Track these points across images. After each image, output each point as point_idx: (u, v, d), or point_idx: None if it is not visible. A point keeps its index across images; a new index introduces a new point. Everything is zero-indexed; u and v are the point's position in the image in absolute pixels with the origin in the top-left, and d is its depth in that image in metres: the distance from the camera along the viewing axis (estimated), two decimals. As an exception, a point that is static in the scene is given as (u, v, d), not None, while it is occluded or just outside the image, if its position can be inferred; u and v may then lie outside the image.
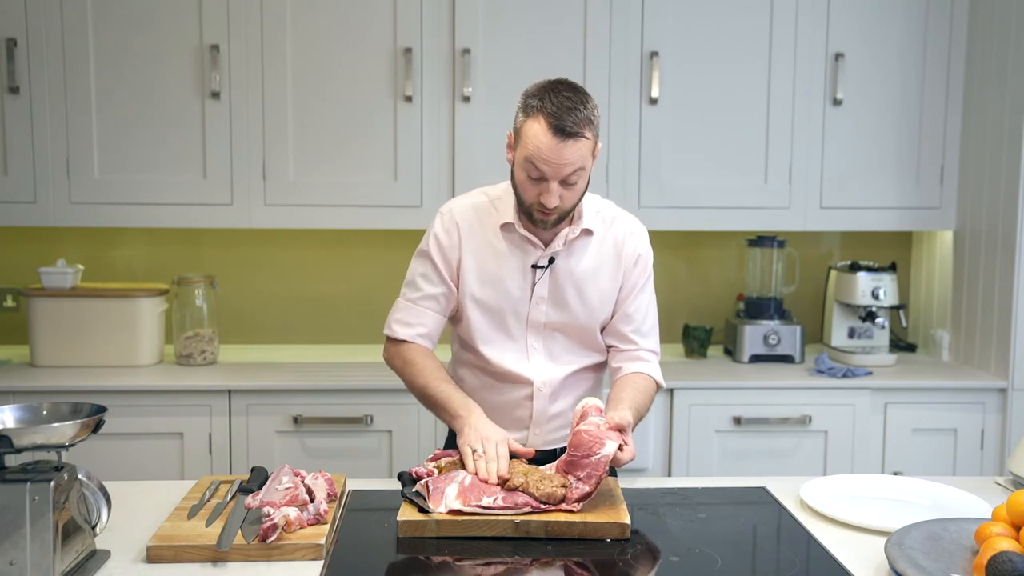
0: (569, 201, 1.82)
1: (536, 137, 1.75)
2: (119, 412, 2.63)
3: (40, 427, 1.38)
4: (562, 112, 1.74)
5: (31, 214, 2.89)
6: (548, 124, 1.74)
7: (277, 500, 1.58)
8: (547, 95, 1.77)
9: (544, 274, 1.92)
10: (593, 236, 1.94)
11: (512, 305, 1.93)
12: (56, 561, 1.36)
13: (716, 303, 3.37)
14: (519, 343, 1.96)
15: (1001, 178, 2.86)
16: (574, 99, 1.76)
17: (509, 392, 1.98)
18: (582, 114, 1.75)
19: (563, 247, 1.91)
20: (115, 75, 2.86)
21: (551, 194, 1.78)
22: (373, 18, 2.88)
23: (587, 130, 1.76)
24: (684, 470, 2.81)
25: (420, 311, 1.97)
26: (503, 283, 1.93)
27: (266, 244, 3.25)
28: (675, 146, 2.98)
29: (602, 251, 1.95)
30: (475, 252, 1.94)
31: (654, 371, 1.99)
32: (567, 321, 1.95)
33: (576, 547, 1.56)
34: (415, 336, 1.97)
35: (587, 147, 1.78)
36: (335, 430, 2.74)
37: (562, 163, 1.75)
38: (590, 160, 1.81)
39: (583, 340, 1.98)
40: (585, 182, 1.83)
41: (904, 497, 1.79)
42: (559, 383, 1.97)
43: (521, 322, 1.95)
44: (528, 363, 1.96)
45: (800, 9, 2.95)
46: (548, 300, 1.93)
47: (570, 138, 1.74)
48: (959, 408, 2.87)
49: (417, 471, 1.76)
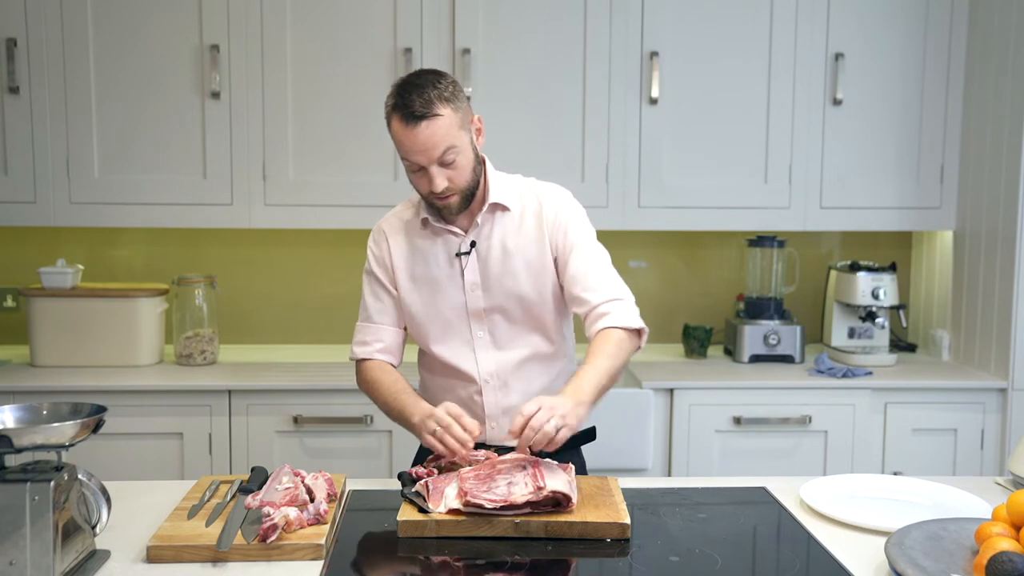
0: (459, 180, 1.84)
1: (397, 131, 1.80)
2: (119, 412, 2.63)
3: (40, 427, 1.38)
4: (408, 99, 1.77)
5: (31, 214, 2.89)
6: (400, 115, 1.79)
7: (277, 500, 1.58)
8: (399, 91, 1.81)
9: (469, 260, 1.93)
10: (510, 212, 1.94)
11: (448, 298, 1.95)
12: (56, 561, 1.35)
13: (716, 303, 3.37)
14: (464, 336, 1.96)
15: (1001, 178, 2.86)
16: (420, 83, 1.80)
17: (461, 389, 1.99)
18: (429, 94, 1.78)
19: (478, 227, 1.92)
20: (115, 75, 2.86)
21: (435, 179, 1.81)
22: (373, 18, 2.88)
23: (439, 107, 1.78)
24: (684, 470, 2.81)
25: (374, 328, 2.02)
26: (434, 279, 1.96)
27: (266, 244, 3.25)
28: (675, 146, 2.98)
29: (524, 224, 1.94)
30: (404, 255, 1.98)
31: (616, 319, 1.87)
32: (504, 302, 1.94)
33: (576, 547, 1.56)
34: (374, 353, 2.02)
35: (447, 123, 1.79)
36: (335, 430, 2.74)
37: (427, 146, 1.78)
38: (462, 135, 1.82)
39: (527, 321, 1.96)
40: (469, 158, 1.85)
41: (904, 497, 1.79)
42: (509, 373, 1.96)
43: (461, 313, 1.95)
44: (474, 357, 1.96)
45: (800, 9, 2.95)
46: (481, 285, 1.94)
47: (422, 120, 1.77)
48: (959, 408, 2.87)
49: (417, 471, 1.76)
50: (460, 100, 1.83)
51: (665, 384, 2.80)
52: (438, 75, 1.83)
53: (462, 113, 1.83)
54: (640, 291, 3.32)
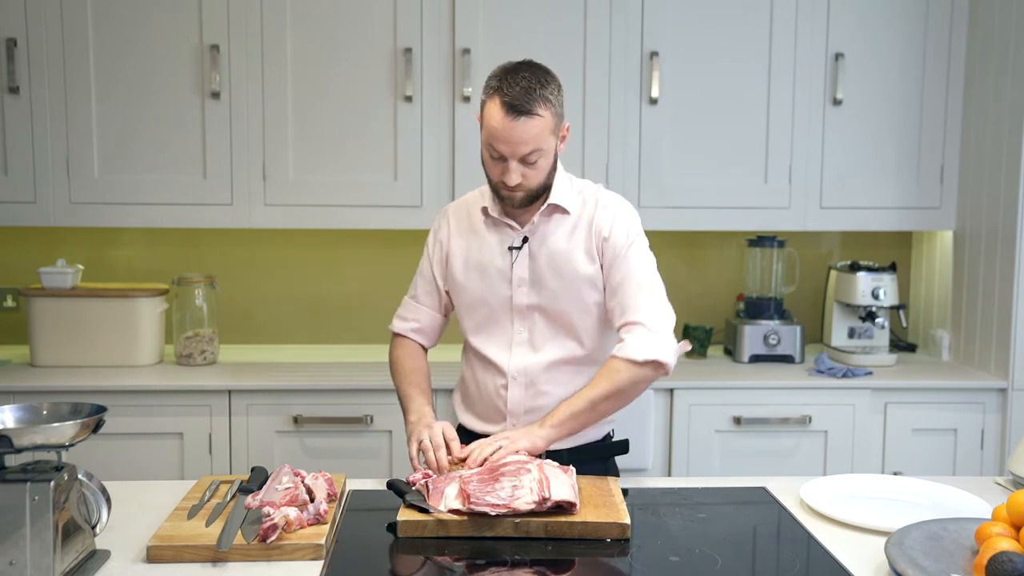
0: (533, 179, 1.85)
1: (492, 117, 1.80)
2: (119, 412, 2.63)
3: (40, 427, 1.38)
4: (516, 91, 1.78)
5: (31, 214, 2.89)
6: (502, 103, 1.79)
7: (277, 500, 1.58)
8: (506, 76, 1.81)
9: (520, 255, 1.94)
10: (570, 216, 1.95)
11: (495, 289, 1.96)
12: (56, 561, 1.36)
13: (716, 303, 3.37)
14: (505, 329, 1.97)
15: (1001, 178, 2.86)
16: (531, 79, 1.80)
17: (489, 380, 2.00)
18: (537, 93, 1.79)
19: (534, 225, 1.93)
20: (115, 75, 2.86)
21: (511, 172, 1.82)
22: (373, 18, 2.88)
23: (542, 108, 1.79)
24: (684, 470, 2.81)
25: (416, 307, 2.09)
26: (486, 268, 1.97)
27: (266, 244, 3.25)
28: (675, 146, 2.98)
29: (577, 229, 1.95)
30: (462, 241, 2.01)
31: (625, 349, 1.85)
32: (546, 302, 1.95)
33: (576, 547, 1.56)
34: (408, 331, 2.10)
35: (543, 125, 1.80)
36: (335, 430, 2.74)
37: (517, 141, 1.79)
38: (551, 140, 1.84)
39: (565, 324, 1.96)
40: (549, 161, 1.86)
41: (904, 497, 1.79)
42: (538, 374, 1.96)
43: (506, 306, 1.96)
44: (509, 351, 1.97)
45: (800, 9, 2.95)
46: (528, 281, 1.94)
47: (522, 116, 1.78)
48: (959, 408, 2.87)
49: (411, 478, 1.75)
50: (560, 105, 1.85)
51: (665, 384, 2.80)
52: (548, 74, 1.84)
53: (557, 119, 1.84)
54: (640, 291, 3.34)
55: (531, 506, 1.59)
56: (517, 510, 1.59)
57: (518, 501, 1.59)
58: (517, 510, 1.59)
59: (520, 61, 1.87)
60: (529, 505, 1.59)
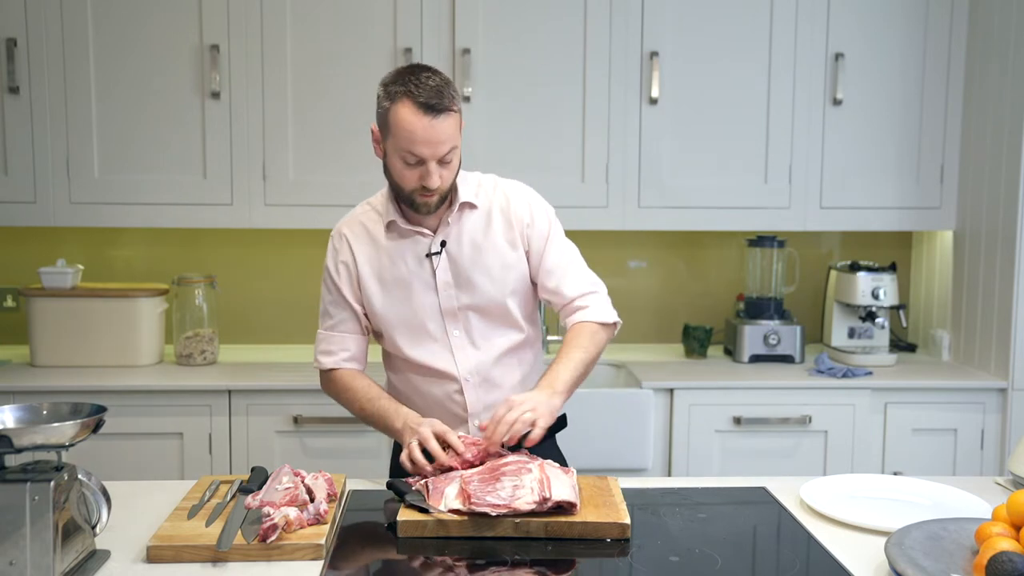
0: (447, 180, 1.84)
1: (406, 120, 1.75)
2: (119, 412, 2.63)
3: (40, 427, 1.38)
4: (427, 91, 1.76)
5: (31, 214, 2.89)
6: (416, 105, 1.75)
7: (277, 500, 1.58)
8: (407, 78, 1.78)
9: (440, 260, 1.91)
10: (478, 209, 1.93)
11: (420, 300, 1.92)
12: (56, 561, 1.35)
13: (716, 303, 3.37)
14: (440, 336, 1.94)
15: (1001, 178, 2.86)
16: (434, 77, 1.79)
17: (437, 388, 1.97)
18: (447, 90, 1.78)
19: (447, 227, 1.91)
20: (115, 75, 2.86)
21: (431, 175, 1.79)
22: (373, 18, 2.88)
23: (454, 104, 1.78)
24: (684, 470, 2.81)
25: (339, 337, 2.01)
26: (404, 281, 1.93)
27: (266, 244, 3.25)
28: (675, 146, 2.98)
29: (491, 221, 1.94)
30: (369, 260, 1.95)
31: (592, 313, 1.94)
32: (478, 300, 1.93)
33: (576, 547, 1.56)
34: (340, 362, 2.00)
35: (456, 121, 1.80)
36: (335, 430, 2.74)
37: (437, 141, 1.77)
38: (459, 136, 1.83)
39: (500, 317, 1.95)
40: (458, 158, 1.86)
41: (904, 497, 1.79)
42: (488, 370, 1.95)
43: (435, 314, 1.93)
44: (452, 356, 1.94)
45: (800, 9, 2.95)
46: (453, 284, 1.92)
47: (440, 114, 1.76)
48: (959, 408, 2.87)
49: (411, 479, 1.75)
50: (460, 102, 1.85)
51: (665, 384, 2.80)
52: (441, 73, 1.82)
53: (461, 114, 1.84)
54: (640, 291, 3.35)
55: (532, 506, 1.59)
56: (518, 510, 1.58)
57: (519, 501, 1.59)
58: (518, 510, 1.58)
59: (410, 64, 1.86)
60: (530, 505, 1.59)
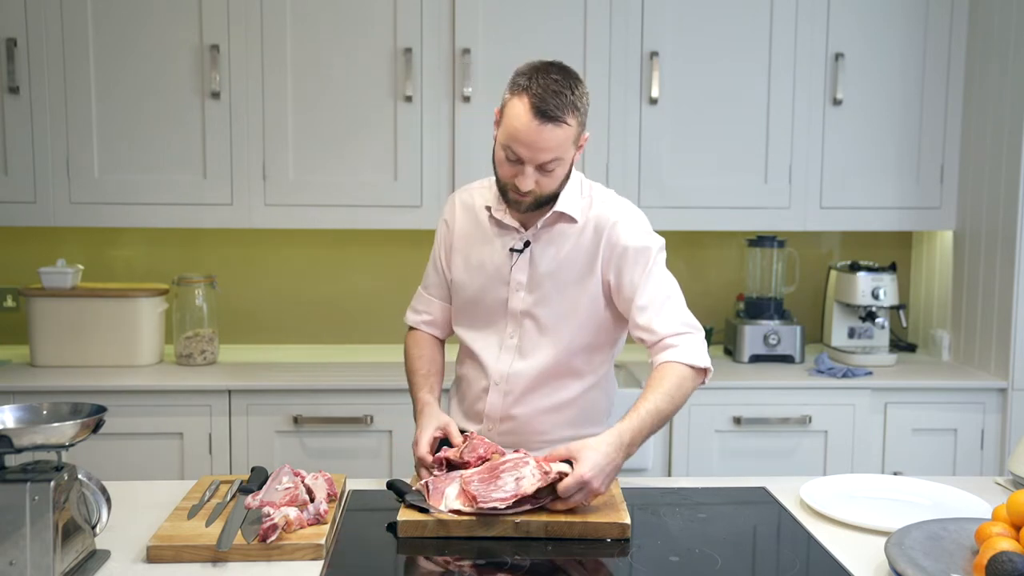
0: (547, 187, 1.78)
1: (516, 117, 1.70)
2: (119, 412, 2.63)
3: (40, 427, 1.38)
4: (547, 95, 1.68)
5: (31, 214, 2.89)
6: (530, 104, 1.69)
7: (277, 500, 1.58)
8: (536, 75, 1.72)
9: (520, 258, 1.88)
10: (576, 224, 1.87)
11: (494, 291, 1.91)
12: (56, 561, 1.35)
13: (716, 303, 3.37)
14: (497, 331, 1.93)
15: (1001, 178, 2.86)
16: (562, 83, 1.71)
17: (475, 379, 1.97)
18: (567, 99, 1.70)
19: (537, 230, 1.87)
20: (115, 75, 2.86)
21: (526, 178, 1.74)
22: (373, 18, 2.88)
23: (570, 116, 1.70)
24: (684, 470, 2.81)
25: (428, 299, 2.06)
26: (486, 268, 1.92)
27: (266, 244, 3.25)
28: (675, 146, 2.98)
29: (582, 239, 1.86)
30: (466, 234, 1.96)
31: (681, 354, 1.79)
32: (542, 310, 1.88)
33: (576, 547, 1.56)
34: (420, 323, 2.07)
35: (568, 134, 1.72)
36: (335, 430, 2.74)
37: (539, 148, 1.71)
38: (572, 149, 1.76)
39: (556, 335, 1.88)
40: (565, 170, 1.79)
41: (904, 497, 1.79)
42: (519, 381, 1.90)
43: (501, 309, 1.92)
44: (497, 354, 1.92)
45: (800, 9, 2.95)
46: (526, 286, 1.89)
47: (550, 122, 1.69)
48: (959, 408, 2.87)
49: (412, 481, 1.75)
50: (585, 114, 1.76)
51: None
52: (578, 79, 1.74)
53: (581, 128, 1.76)
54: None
55: (538, 484, 1.59)
56: (525, 493, 1.59)
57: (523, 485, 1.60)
58: (525, 493, 1.59)
59: (550, 61, 1.76)
60: (535, 484, 1.59)
